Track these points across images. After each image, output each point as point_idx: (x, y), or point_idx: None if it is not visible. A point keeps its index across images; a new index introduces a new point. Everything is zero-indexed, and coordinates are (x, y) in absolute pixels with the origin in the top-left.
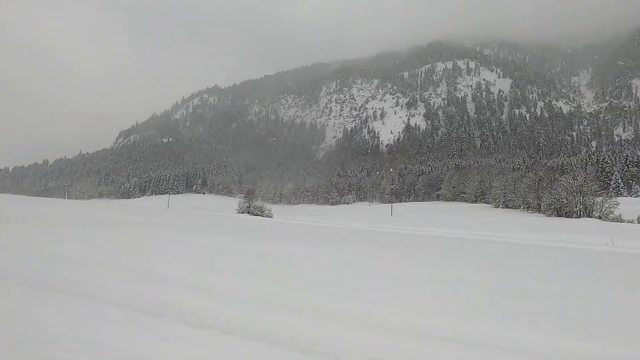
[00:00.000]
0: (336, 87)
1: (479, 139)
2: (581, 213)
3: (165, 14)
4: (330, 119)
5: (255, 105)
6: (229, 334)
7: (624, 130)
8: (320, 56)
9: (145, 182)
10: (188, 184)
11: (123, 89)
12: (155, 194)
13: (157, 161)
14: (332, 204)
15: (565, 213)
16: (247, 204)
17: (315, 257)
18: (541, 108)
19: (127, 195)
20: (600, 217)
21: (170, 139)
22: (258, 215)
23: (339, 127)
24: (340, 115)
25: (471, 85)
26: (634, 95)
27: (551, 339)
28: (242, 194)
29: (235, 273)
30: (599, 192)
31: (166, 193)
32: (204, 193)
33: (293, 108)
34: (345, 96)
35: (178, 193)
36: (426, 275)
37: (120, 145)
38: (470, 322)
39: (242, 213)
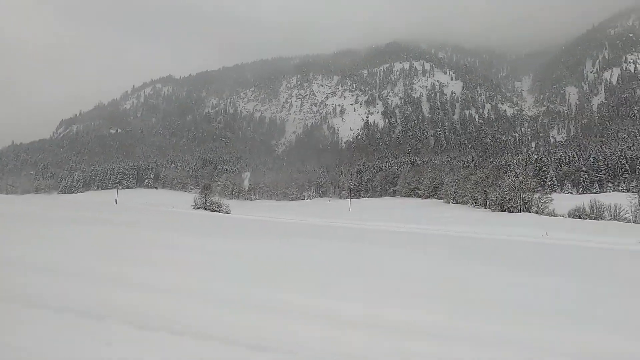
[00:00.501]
0: (297, 82)
1: (432, 137)
2: (521, 208)
3: (115, 0)
4: (290, 114)
5: (213, 97)
6: (178, 335)
7: (558, 133)
8: (280, 51)
9: (91, 175)
10: (139, 178)
11: (63, 76)
12: (102, 189)
13: (104, 153)
14: (292, 200)
15: (508, 208)
16: (203, 200)
17: (277, 254)
18: (488, 110)
19: (68, 190)
20: (537, 212)
21: (119, 130)
22: (215, 211)
23: (299, 123)
24: (300, 110)
25: (426, 86)
26: (567, 101)
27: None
28: (197, 189)
29: (190, 270)
30: (536, 189)
31: (114, 188)
32: (156, 188)
33: (252, 102)
34: (305, 92)
35: (128, 188)
36: (394, 270)
37: (61, 135)
38: (440, 315)
39: (197, 209)
